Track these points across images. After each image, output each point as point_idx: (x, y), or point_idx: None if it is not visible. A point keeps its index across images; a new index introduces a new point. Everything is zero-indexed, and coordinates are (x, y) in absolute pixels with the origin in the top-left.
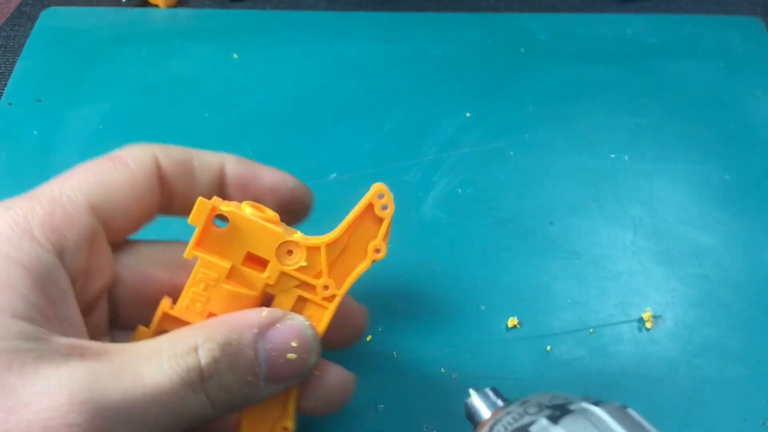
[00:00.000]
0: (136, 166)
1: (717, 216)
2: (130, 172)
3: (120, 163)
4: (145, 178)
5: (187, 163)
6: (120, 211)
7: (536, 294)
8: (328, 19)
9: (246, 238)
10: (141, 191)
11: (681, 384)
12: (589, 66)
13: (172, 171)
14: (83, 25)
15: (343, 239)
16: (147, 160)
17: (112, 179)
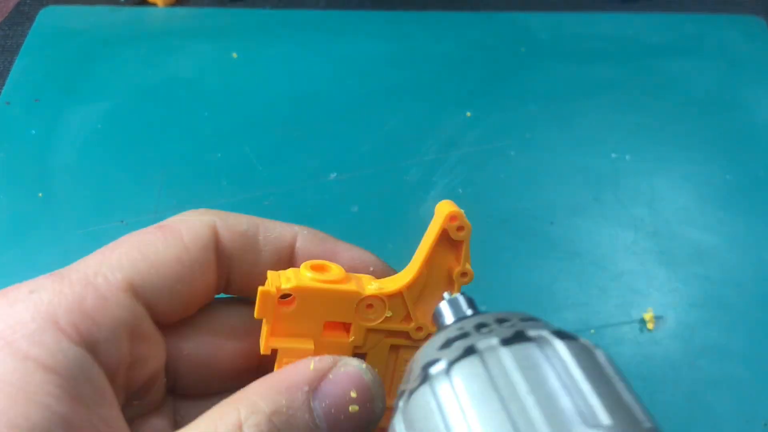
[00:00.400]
0: (190, 238)
1: (718, 216)
2: (181, 247)
3: (171, 234)
4: (199, 252)
5: (250, 236)
6: (167, 293)
7: (537, 294)
8: (327, 18)
9: (319, 308)
10: (194, 269)
11: (682, 385)
12: (590, 65)
13: (232, 246)
14: (81, 24)
15: (422, 275)
16: (204, 231)
17: (159, 254)
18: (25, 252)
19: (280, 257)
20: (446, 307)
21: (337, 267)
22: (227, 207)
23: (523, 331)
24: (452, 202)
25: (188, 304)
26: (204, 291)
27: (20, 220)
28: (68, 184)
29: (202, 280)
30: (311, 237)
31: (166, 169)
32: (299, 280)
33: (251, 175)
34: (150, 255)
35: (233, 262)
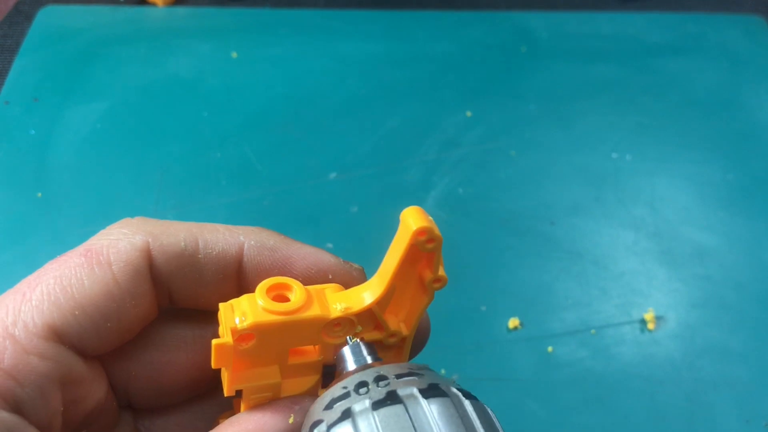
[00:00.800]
0: (120, 267)
1: (719, 216)
2: (110, 279)
3: (98, 264)
4: (130, 283)
5: (189, 255)
6: (96, 331)
7: (537, 294)
8: (327, 17)
9: (282, 339)
10: (125, 302)
11: (683, 385)
12: (591, 65)
13: (168, 269)
14: (81, 24)
15: (391, 287)
16: (134, 257)
17: (86, 290)
18: (25, 252)
19: (225, 274)
20: (348, 352)
21: (297, 285)
22: (227, 207)
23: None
24: (420, 209)
25: (124, 334)
26: (141, 318)
27: (19, 219)
28: (67, 183)
29: (137, 310)
30: (259, 249)
31: (166, 168)
32: (255, 315)
33: (251, 175)
34: (75, 292)
35: (172, 284)
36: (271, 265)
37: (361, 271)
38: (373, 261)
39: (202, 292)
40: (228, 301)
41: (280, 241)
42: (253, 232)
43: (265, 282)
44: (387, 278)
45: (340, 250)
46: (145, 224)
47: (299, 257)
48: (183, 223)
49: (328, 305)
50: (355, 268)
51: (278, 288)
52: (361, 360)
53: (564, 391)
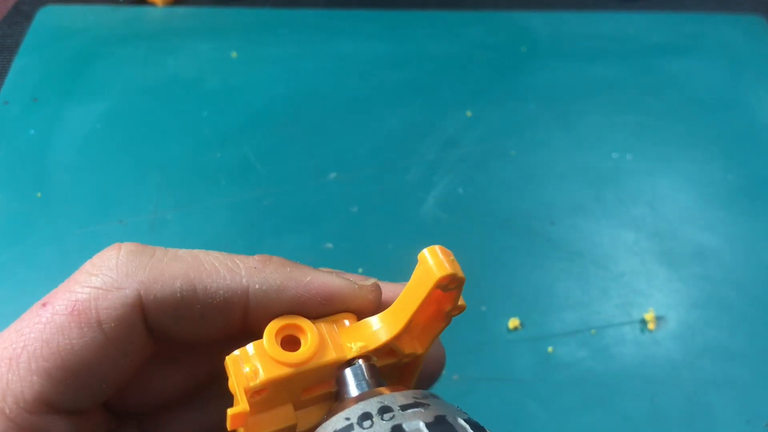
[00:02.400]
0: (110, 326)
1: (720, 216)
2: (101, 340)
3: (87, 324)
4: (123, 341)
5: (186, 304)
6: (90, 397)
7: (537, 295)
8: (327, 17)
9: (296, 384)
10: (118, 363)
11: (684, 386)
12: (591, 65)
13: (163, 321)
14: (80, 24)
15: (409, 324)
16: (125, 314)
17: (77, 356)
18: (24, 252)
19: (228, 322)
20: (350, 375)
21: (307, 326)
22: (227, 207)
23: (400, 425)
24: (441, 250)
25: (122, 385)
26: (138, 367)
27: (19, 219)
28: (67, 183)
29: (133, 364)
30: (265, 293)
31: (165, 168)
32: (267, 369)
33: (251, 175)
34: (65, 358)
35: (169, 333)
36: (280, 308)
37: (375, 288)
38: (373, 261)
39: (203, 337)
40: (233, 352)
41: (286, 277)
42: (257, 271)
43: (273, 325)
44: (405, 318)
45: (340, 250)
46: (137, 268)
47: (309, 294)
48: (179, 261)
49: (342, 344)
50: (369, 290)
51: (287, 329)
52: (363, 385)
53: (564, 392)
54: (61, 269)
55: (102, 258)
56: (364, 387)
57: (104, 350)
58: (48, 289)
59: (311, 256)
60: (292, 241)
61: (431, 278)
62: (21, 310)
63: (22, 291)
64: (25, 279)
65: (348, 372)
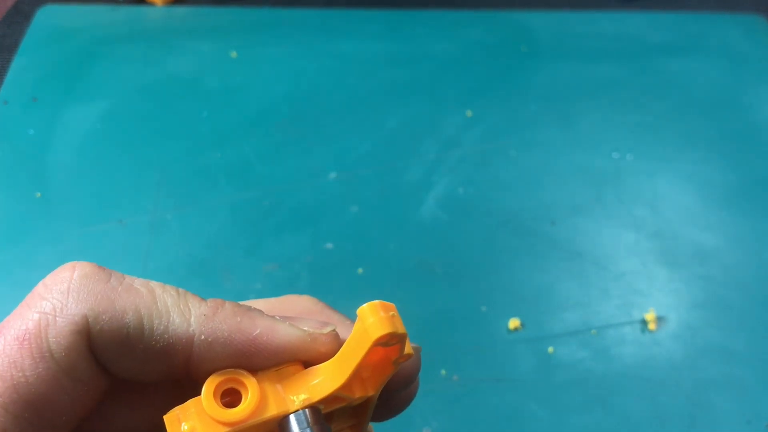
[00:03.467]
0: (61, 356)
1: (721, 216)
2: (55, 370)
3: (39, 354)
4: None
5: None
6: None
7: (538, 295)
8: (327, 16)
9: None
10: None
11: (684, 386)
12: (591, 64)
13: (106, 355)
14: (80, 23)
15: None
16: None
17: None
18: (24, 252)
19: (170, 367)
20: (294, 423)
21: (248, 380)
22: (227, 207)
23: None
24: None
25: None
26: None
27: (18, 219)
28: (66, 183)
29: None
30: (210, 345)
31: (165, 168)
32: (205, 430)
33: (250, 175)
34: (21, 391)
35: (111, 368)
36: (224, 360)
37: (331, 340)
38: (373, 261)
39: (145, 379)
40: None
41: (235, 329)
42: (206, 319)
43: (212, 380)
44: (349, 370)
45: (340, 250)
46: (88, 294)
47: (255, 348)
48: (133, 293)
49: (285, 397)
50: (322, 343)
51: (227, 383)
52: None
53: (564, 392)
54: None
55: (54, 279)
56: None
57: (58, 381)
58: None
59: (311, 256)
60: (292, 241)
61: (369, 338)
62: None
63: (22, 291)
64: (25, 279)
65: (292, 420)
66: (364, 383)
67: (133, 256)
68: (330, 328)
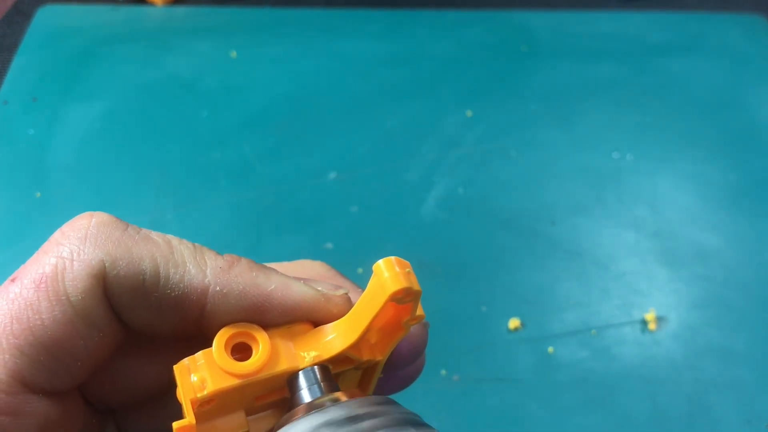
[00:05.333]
0: (77, 299)
1: (721, 216)
2: (70, 314)
3: (56, 297)
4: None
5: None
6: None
7: (538, 295)
8: (327, 16)
9: (245, 395)
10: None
11: (684, 386)
12: (592, 64)
13: (121, 302)
14: (80, 23)
15: (365, 334)
16: (90, 285)
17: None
18: (23, 252)
19: (184, 317)
20: (302, 380)
21: (259, 335)
22: (227, 207)
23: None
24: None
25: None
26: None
27: (18, 219)
28: (66, 183)
29: (106, 340)
30: (224, 297)
31: (165, 168)
32: (215, 380)
33: (250, 175)
34: (37, 334)
35: (125, 315)
36: (238, 314)
37: (343, 301)
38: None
39: (158, 330)
40: (181, 360)
41: (250, 283)
42: (222, 272)
43: (224, 332)
44: (360, 329)
45: (340, 250)
46: (105, 240)
47: (269, 304)
48: (150, 242)
49: (295, 353)
50: (335, 303)
51: (239, 337)
52: (315, 390)
53: (565, 392)
54: None
55: (72, 227)
56: (316, 392)
57: (74, 325)
58: None
59: (311, 256)
60: (292, 241)
61: (385, 292)
62: None
63: None
64: None
65: (300, 376)
66: (373, 348)
67: None
68: (343, 291)
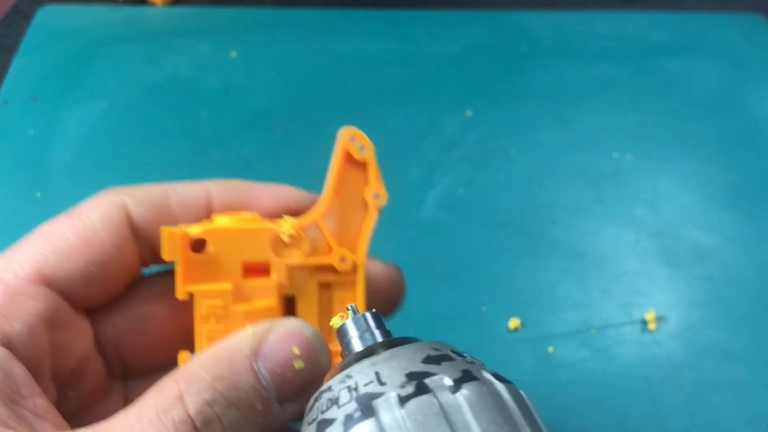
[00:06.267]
0: (99, 220)
1: (721, 216)
2: (90, 230)
3: (80, 220)
4: (109, 233)
5: (162, 204)
6: (81, 278)
7: (538, 295)
8: (327, 17)
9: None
10: (106, 250)
11: (684, 386)
12: (592, 64)
13: (145, 218)
14: (80, 23)
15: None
16: (112, 211)
17: (69, 241)
18: None
19: (197, 215)
20: (351, 326)
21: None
22: None
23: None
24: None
25: (109, 284)
26: (124, 269)
27: (18, 219)
28: (66, 183)
29: (119, 259)
30: (224, 187)
31: (165, 168)
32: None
33: (250, 175)
34: (59, 243)
35: (151, 234)
36: (238, 202)
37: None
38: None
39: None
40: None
41: (244, 183)
42: (218, 181)
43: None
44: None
45: None
46: (123, 189)
47: (263, 191)
48: (155, 184)
49: (279, 223)
50: (315, 198)
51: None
52: (367, 338)
53: (565, 392)
54: None
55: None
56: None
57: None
58: None
59: None
60: None
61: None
62: None
63: None
64: None
65: (349, 323)
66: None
67: None
68: None
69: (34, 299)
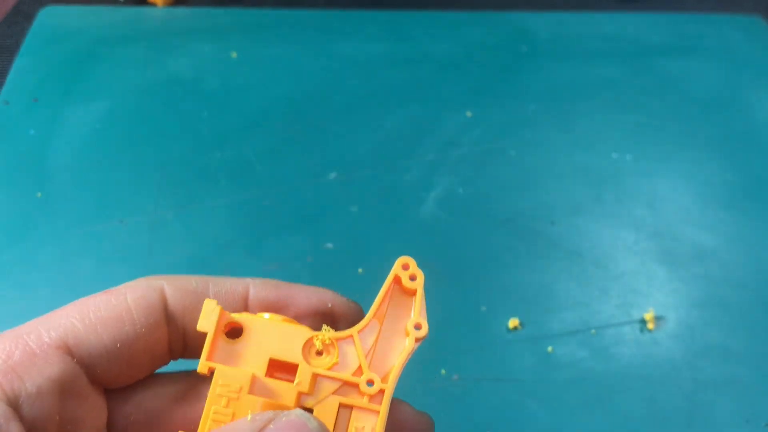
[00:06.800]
0: (133, 299)
1: (720, 216)
2: (123, 307)
3: (115, 296)
4: (141, 312)
5: (200, 293)
6: (106, 353)
7: (537, 295)
8: (327, 17)
9: (265, 343)
10: (136, 329)
11: (683, 385)
12: (591, 65)
13: (181, 304)
14: (81, 24)
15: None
16: (149, 292)
17: (100, 314)
18: (24, 252)
19: (234, 311)
20: None
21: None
22: (226, 207)
23: None
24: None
25: (133, 366)
26: (151, 353)
27: (19, 220)
28: (67, 183)
29: (148, 341)
30: (264, 286)
31: (165, 168)
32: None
33: (250, 175)
34: (90, 314)
35: (186, 321)
36: (276, 298)
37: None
38: (373, 261)
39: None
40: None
41: (283, 283)
42: (259, 279)
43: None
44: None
45: (340, 250)
46: (164, 276)
47: (300, 291)
48: (196, 275)
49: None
50: (352, 305)
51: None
52: None
53: (564, 392)
54: (61, 269)
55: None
56: None
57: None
58: (48, 289)
59: (311, 256)
60: (292, 241)
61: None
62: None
63: (22, 291)
64: (25, 279)
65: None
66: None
67: (134, 255)
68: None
69: (52, 364)
